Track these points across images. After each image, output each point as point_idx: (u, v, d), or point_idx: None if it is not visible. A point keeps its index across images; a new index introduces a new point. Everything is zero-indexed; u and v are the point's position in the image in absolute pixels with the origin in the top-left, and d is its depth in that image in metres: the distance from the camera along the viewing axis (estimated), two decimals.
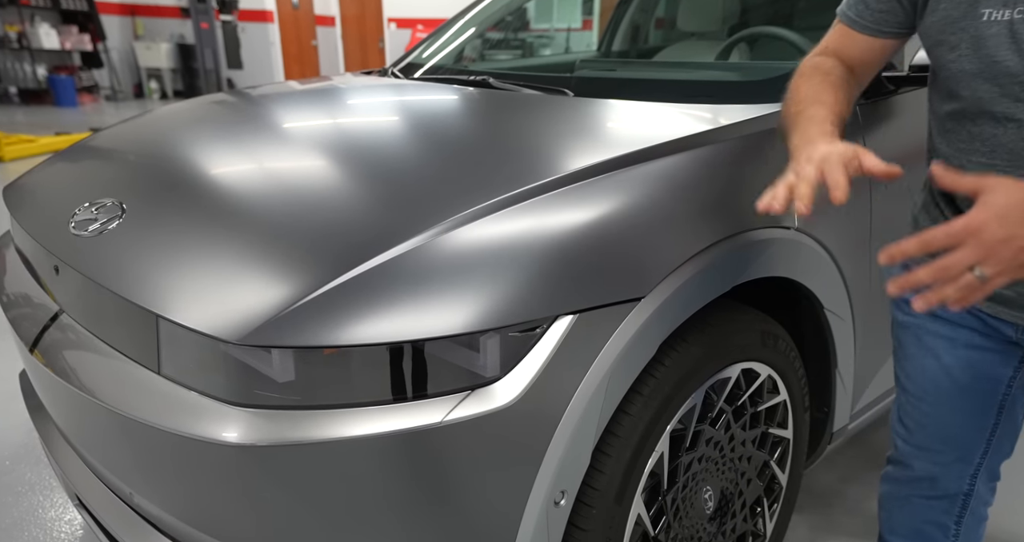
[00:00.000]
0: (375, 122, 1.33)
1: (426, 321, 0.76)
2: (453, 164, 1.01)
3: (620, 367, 0.82)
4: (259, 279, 0.82)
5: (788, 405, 1.13)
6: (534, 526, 0.81)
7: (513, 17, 1.99)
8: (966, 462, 0.95)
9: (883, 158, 1.18)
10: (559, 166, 0.93)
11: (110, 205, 1.05)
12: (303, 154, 1.13)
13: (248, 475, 0.77)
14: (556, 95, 1.30)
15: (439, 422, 0.76)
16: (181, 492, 0.84)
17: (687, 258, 0.86)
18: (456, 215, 0.85)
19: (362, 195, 0.95)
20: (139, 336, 0.88)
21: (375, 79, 1.74)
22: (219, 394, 0.80)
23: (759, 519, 1.18)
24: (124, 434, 0.87)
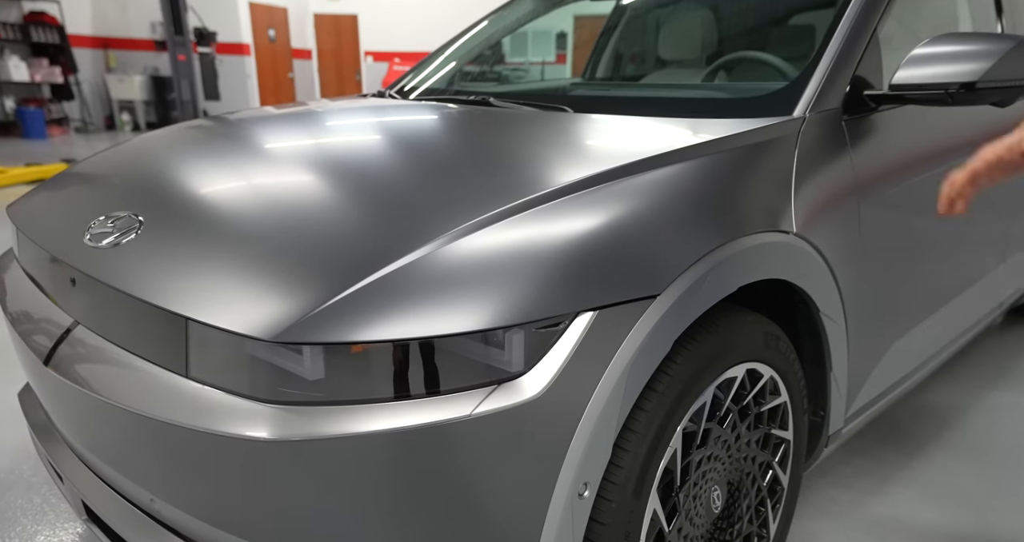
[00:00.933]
0: (389, 137, 1.37)
1: (452, 318, 0.79)
2: (470, 173, 1.05)
3: (638, 362, 0.86)
4: (286, 282, 0.84)
5: (789, 406, 1.17)
6: (560, 517, 0.83)
7: (491, 50, 2.09)
8: None
9: (870, 170, 1.27)
10: (570, 174, 0.98)
11: (126, 217, 1.06)
12: (318, 167, 1.16)
13: (281, 471, 0.78)
14: (556, 112, 1.36)
15: (468, 415, 0.78)
16: (208, 493, 0.84)
17: (697, 258, 0.91)
18: (478, 218, 0.88)
19: (384, 203, 0.98)
20: (166, 340, 0.89)
21: (379, 100, 1.78)
22: (250, 392, 0.82)
23: (764, 520, 1.21)
24: (149, 438, 0.88)
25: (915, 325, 1.48)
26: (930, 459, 1.76)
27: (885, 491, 1.62)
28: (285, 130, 1.48)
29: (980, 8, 1.73)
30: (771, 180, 1.06)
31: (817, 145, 1.14)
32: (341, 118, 1.57)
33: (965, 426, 1.91)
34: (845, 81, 1.22)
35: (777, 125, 1.12)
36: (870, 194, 1.21)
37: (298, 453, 0.78)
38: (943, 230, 1.47)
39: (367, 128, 1.45)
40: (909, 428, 1.91)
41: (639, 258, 0.88)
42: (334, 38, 12.53)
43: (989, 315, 1.91)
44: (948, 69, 1.14)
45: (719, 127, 1.11)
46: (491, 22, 2.17)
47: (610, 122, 1.26)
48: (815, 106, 1.18)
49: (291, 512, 0.81)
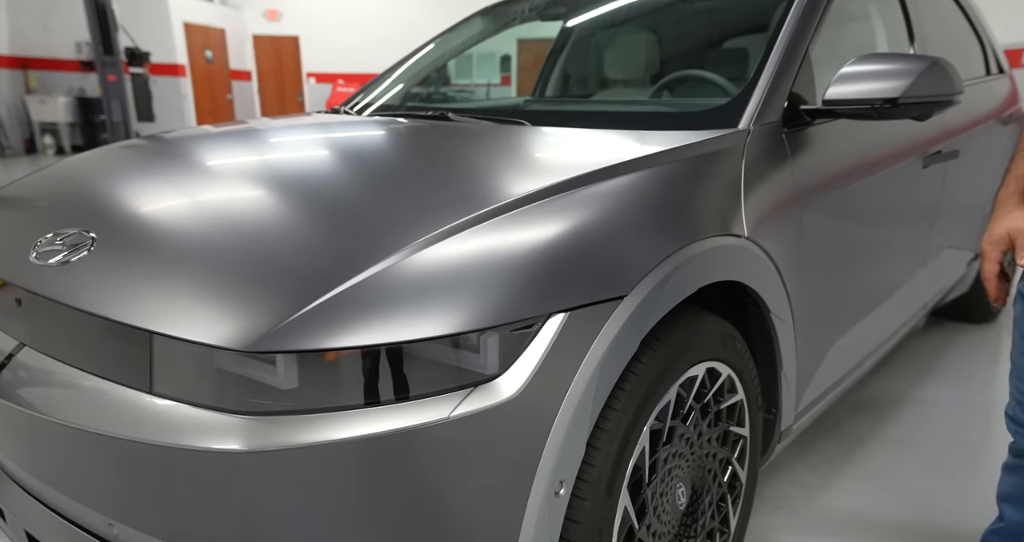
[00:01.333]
0: (353, 151, 1.37)
1: (428, 323, 0.80)
2: (437, 184, 1.07)
3: (608, 362, 0.89)
4: (256, 293, 0.83)
5: (745, 404, 1.23)
6: (537, 516, 0.85)
7: (437, 72, 2.13)
8: None
9: (809, 180, 1.35)
10: (535, 182, 1.01)
11: (76, 234, 1.03)
12: (281, 181, 1.16)
13: (257, 482, 0.77)
14: (515, 125, 1.41)
15: (447, 417, 0.79)
16: (176, 511, 0.82)
17: (659, 261, 0.96)
18: (448, 226, 0.90)
19: (352, 214, 0.99)
20: (127, 357, 0.87)
21: (336, 116, 1.79)
22: (221, 404, 0.81)
23: (725, 516, 1.26)
24: (109, 459, 0.85)
25: (853, 325, 1.58)
26: (870, 453, 1.86)
27: (832, 485, 1.71)
28: (241, 145, 1.46)
29: (895, 34, 1.88)
30: (722, 187, 1.12)
31: (761, 155, 1.22)
32: (300, 133, 1.57)
33: (899, 420, 2.03)
34: (783, 97, 1.31)
35: (725, 136, 1.19)
36: (810, 202, 1.30)
37: (274, 463, 0.77)
38: (875, 237, 1.58)
39: (329, 142, 1.46)
40: (850, 424, 2.01)
41: (605, 261, 0.91)
42: (274, 59, 12.37)
43: (915, 316, 2.05)
44: (873, 86, 1.24)
45: (672, 138, 1.18)
46: (437, 45, 2.21)
47: (569, 134, 1.31)
48: (758, 119, 1.26)
49: (266, 524, 0.79)
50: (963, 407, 2.12)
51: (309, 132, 1.57)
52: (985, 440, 1.93)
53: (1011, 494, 1.13)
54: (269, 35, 12.26)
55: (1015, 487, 1.12)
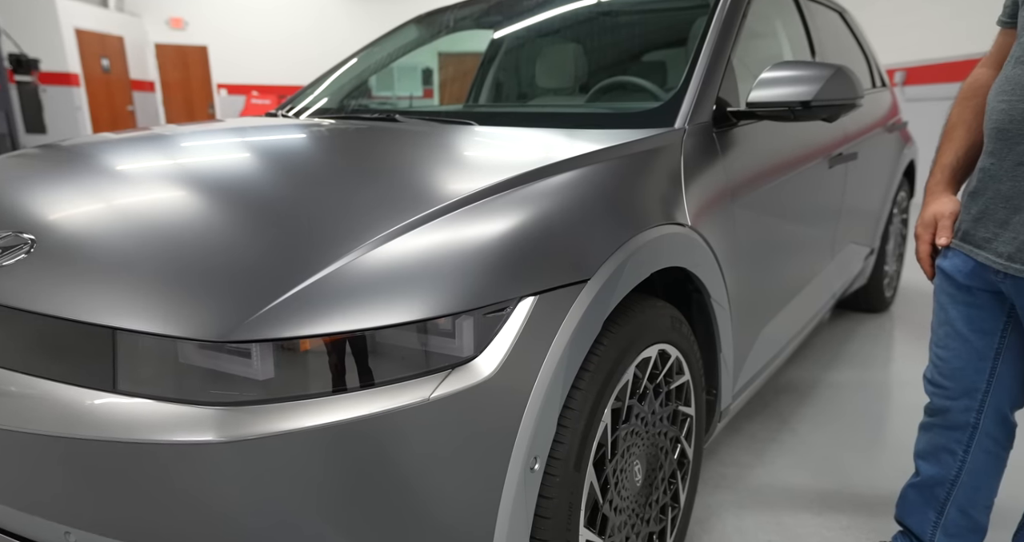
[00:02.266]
0: (307, 149, 1.36)
1: (405, 308, 0.82)
2: (402, 179, 1.09)
3: (575, 342, 0.94)
4: (226, 285, 0.83)
5: (691, 384, 1.31)
6: (515, 491, 0.88)
7: (360, 84, 2.15)
8: (971, 398, 1.16)
9: (737, 176, 1.47)
10: (496, 175, 1.05)
11: (10, 236, 0.98)
12: (229, 181, 1.14)
13: (236, 472, 0.77)
14: (463, 125, 1.44)
15: (427, 399, 0.82)
16: (142, 509, 0.79)
17: (617, 247, 1.02)
18: (419, 216, 0.93)
19: (321, 207, 1.00)
20: (85, 356, 0.84)
21: (275, 120, 1.76)
22: (193, 397, 0.80)
23: (675, 492, 1.33)
24: (68, 463, 0.81)
25: (778, 312, 1.71)
26: (794, 430, 2.01)
27: (763, 463, 1.83)
28: (178, 148, 1.42)
29: (798, 48, 2.07)
30: (666, 180, 1.21)
31: (697, 152, 1.32)
32: (244, 135, 1.54)
33: (815, 401, 2.21)
34: (712, 99, 1.42)
35: (665, 134, 1.28)
36: (739, 196, 1.41)
37: (255, 452, 0.77)
38: (793, 230, 1.72)
39: (279, 143, 1.44)
40: (774, 405, 2.17)
41: (568, 247, 0.97)
42: (181, 69, 11.80)
43: (826, 305, 2.24)
44: (789, 90, 1.37)
45: (618, 136, 1.25)
46: (360, 59, 2.22)
47: (519, 133, 1.36)
48: (691, 119, 1.36)
49: (243, 516, 0.79)
50: (868, 386, 2.33)
51: (253, 134, 1.54)
52: (889, 413, 2.13)
53: (926, 451, 1.27)
54: (174, 44, 11.71)
55: (929, 444, 1.26)
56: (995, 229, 1.02)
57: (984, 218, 1.04)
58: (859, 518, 1.58)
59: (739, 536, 1.52)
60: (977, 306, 1.12)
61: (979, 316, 1.12)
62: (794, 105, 1.37)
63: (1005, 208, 0.99)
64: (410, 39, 2.26)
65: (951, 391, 1.18)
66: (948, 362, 1.17)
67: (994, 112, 1.00)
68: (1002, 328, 1.11)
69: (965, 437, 1.20)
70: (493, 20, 2.42)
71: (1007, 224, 1.00)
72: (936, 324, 1.20)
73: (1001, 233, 1.01)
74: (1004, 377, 1.14)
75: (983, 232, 1.05)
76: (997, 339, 1.12)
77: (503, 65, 2.56)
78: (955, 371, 1.17)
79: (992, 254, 1.03)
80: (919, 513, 1.30)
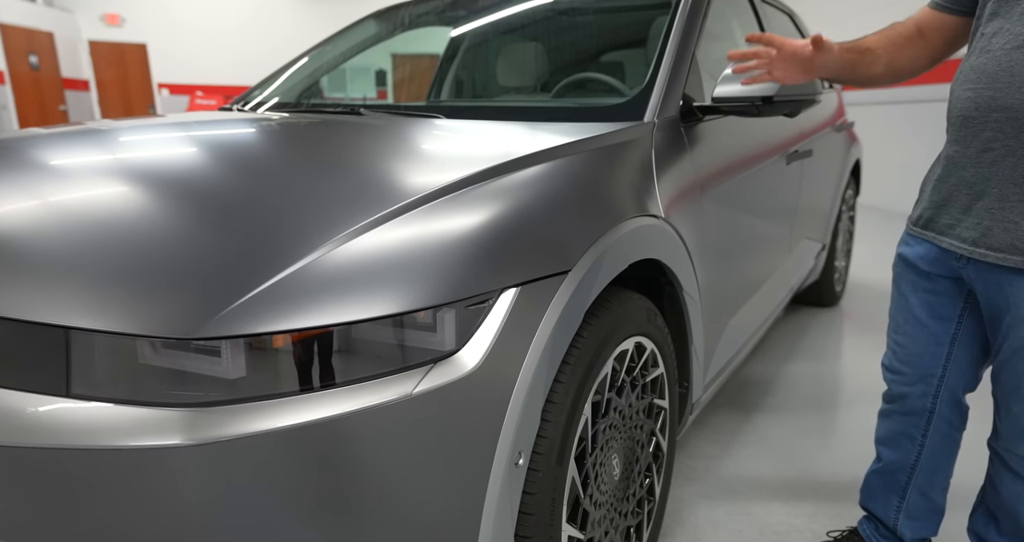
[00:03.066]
0: (270, 143, 1.31)
1: (384, 301, 0.79)
2: (375, 171, 1.06)
3: (557, 335, 0.93)
4: (188, 283, 0.78)
5: (665, 377, 1.31)
6: (500, 486, 0.86)
7: (312, 84, 2.09)
8: (927, 384, 1.19)
9: (704, 170, 1.48)
10: (471, 167, 1.03)
11: None
12: (186, 175, 1.08)
13: (212, 476, 0.72)
14: (432, 118, 1.41)
15: (410, 394, 0.79)
16: (106, 519, 0.74)
17: (596, 238, 1.01)
18: (395, 207, 0.90)
19: (291, 201, 0.95)
20: (31, 359, 0.77)
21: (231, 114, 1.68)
22: (158, 399, 0.74)
23: (651, 485, 1.33)
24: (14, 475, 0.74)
25: (743, 305, 1.74)
26: (755, 423, 2.05)
27: (729, 455, 1.86)
28: (130, 141, 1.34)
29: None
30: (639, 172, 1.21)
31: (666, 145, 1.33)
32: (201, 129, 1.47)
33: (777, 393, 2.26)
34: (678, 94, 1.44)
35: (636, 127, 1.29)
36: (706, 190, 1.43)
37: (226, 454, 0.72)
38: (755, 224, 1.76)
39: (240, 137, 1.37)
40: (737, 398, 2.20)
41: (548, 238, 0.95)
42: (117, 68, 11.28)
43: (785, 298, 2.29)
44: (752, 86, 1.40)
45: (590, 128, 1.25)
46: (313, 57, 2.16)
47: (490, 126, 1.34)
48: (660, 113, 1.37)
49: (216, 521, 0.74)
50: (824, 377, 2.40)
51: (211, 127, 1.47)
52: (845, 403, 2.19)
53: (886, 437, 1.30)
54: (110, 41, 11.19)
55: (889, 430, 1.29)
56: (958, 215, 1.05)
57: (947, 205, 1.07)
58: (823, 505, 1.62)
59: (711, 527, 1.53)
60: (937, 293, 1.16)
61: (938, 302, 1.16)
62: (757, 100, 1.39)
63: (968, 194, 1.03)
64: (367, 36, 2.21)
65: (908, 377, 1.22)
66: (906, 348, 1.21)
67: (959, 100, 1.03)
68: (959, 314, 1.15)
69: (923, 422, 1.23)
70: (453, 17, 2.39)
71: (970, 210, 1.03)
72: (895, 311, 1.24)
73: (964, 219, 1.04)
74: (959, 362, 1.18)
75: (946, 218, 1.08)
76: (954, 325, 1.16)
77: (464, 63, 2.54)
78: (913, 357, 1.20)
79: (956, 240, 1.06)
80: (882, 498, 1.33)
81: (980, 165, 1.00)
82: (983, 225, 1.01)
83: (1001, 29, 0.98)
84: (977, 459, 1.30)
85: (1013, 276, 0.99)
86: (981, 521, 1.22)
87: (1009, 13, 0.98)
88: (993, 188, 0.99)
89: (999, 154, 0.98)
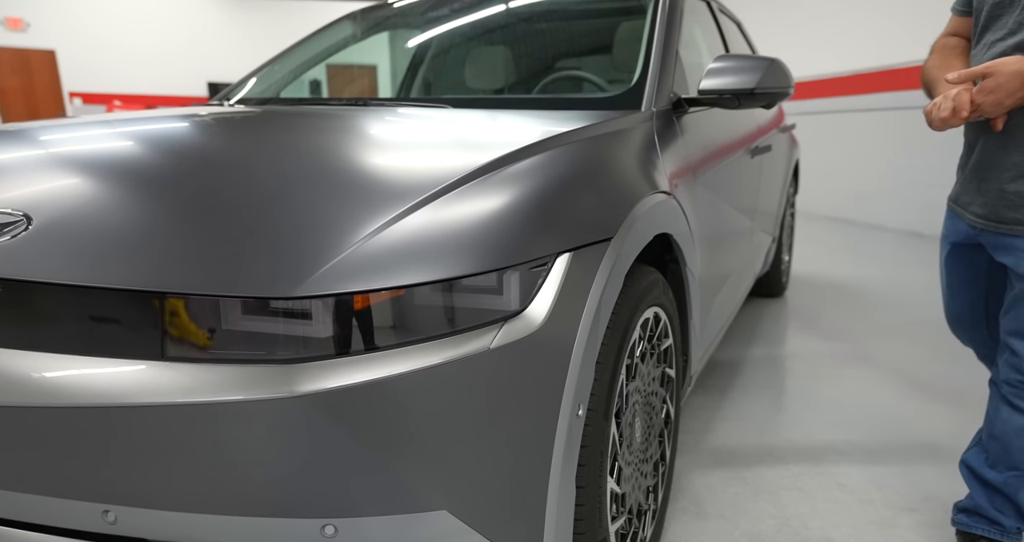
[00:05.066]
0: (316, 130, 1.31)
1: (460, 263, 0.84)
2: (423, 150, 1.10)
3: (604, 297, 0.99)
4: (279, 246, 0.81)
5: (674, 348, 1.40)
6: (566, 434, 0.91)
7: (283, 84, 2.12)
8: (975, 330, 1.41)
9: (694, 156, 1.59)
10: (509, 146, 1.09)
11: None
12: (255, 155, 1.10)
13: (317, 424, 0.75)
14: (440, 109, 1.46)
15: (488, 347, 0.84)
16: (202, 474, 0.75)
17: (630, 209, 1.09)
18: (452, 181, 0.95)
19: (365, 174, 0.98)
20: (129, 326, 0.78)
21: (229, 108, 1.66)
22: (259, 356, 0.76)
23: (663, 449, 1.42)
24: (113, 436, 0.75)
25: (723, 287, 1.87)
26: (733, 400, 2.18)
27: (713, 429, 1.98)
28: (182, 128, 1.33)
29: (717, 50, 2.29)
30: (649, 153, 1.30)
31: (664, 132, 1.43)
32: (233, 118, 1.46)
33: (745, 374, 2.41)
34: (669, 86, 1.55)
35: (639, 114, 1.38)
36: (698, 174, 1.54)
37: (329, 404, 0.75)
38: (732, 210, 1.89)
39: (290, 124, 1.37)
40: (710, 381, 2.34)
41: (592, 208, 1.02)
42: (22, 75, 10.57)
43: (750, 284, 2.45)
44: (735, 79, 1.52)
45: (597, 116, 1.33)
46: (279, 63, 2.19)
47: (504, 113, 1.40)
48: (655, 104, 1.47)
49: (317, 468, 0.76)
50: (780, 359, 2.58)
51: (262, 118, 1.46)
52: (802, 380, 2.37)
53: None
54: (12, 47, 10.49)
55: None
56: (972, 196, 1.27)
57: (965, 186, 1.29)
58: (805, 466, 1.75)
59: (708, 492, 1.63)
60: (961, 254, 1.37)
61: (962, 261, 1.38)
62: (741, 92, 1.52)
63: (976, 179, 1.25)
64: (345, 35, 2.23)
65: (957, 326, 1.47)
66: (948, 301, 1.45)
67: None
68: (985, 273, 1.36)
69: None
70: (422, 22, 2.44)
71: (978, 192, 1.25)
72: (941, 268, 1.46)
73: (975, 199, 1.26)
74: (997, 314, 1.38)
75: (965, 198, 1.30)
76: (984, 281, 1.37)
77: (432, 66, 2.58)
78: (953, 311, 1.45)
79: (971, 215, 1.28)
80: None
81: (984, 153, 1.21)
82: (988, 204, 1.22)
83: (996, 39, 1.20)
84: None
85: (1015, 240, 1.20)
86: (973, 453, 1.37)
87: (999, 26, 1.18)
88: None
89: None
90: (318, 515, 0.79)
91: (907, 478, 1.70)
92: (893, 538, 1.45)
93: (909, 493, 1.63)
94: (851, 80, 6.25)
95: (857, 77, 6.17)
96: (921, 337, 2.82)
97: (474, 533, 0.85)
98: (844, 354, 2.62)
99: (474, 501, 0.84)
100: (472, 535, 0.85)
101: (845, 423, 2.01)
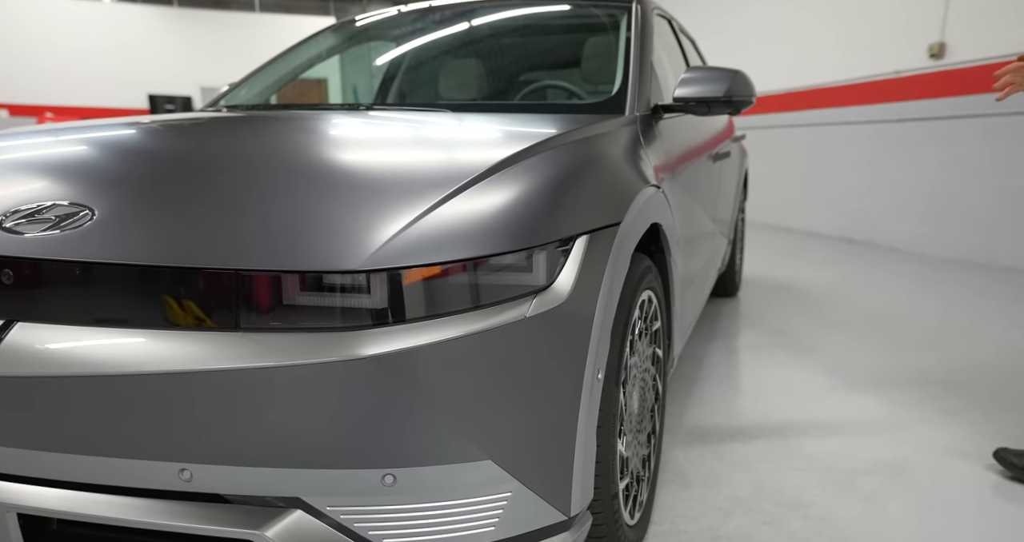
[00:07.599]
0: (345, 127, 1.38)
1: (498, 242, 0.95)
2: (444, 147, 1.20)
3: (616, 275, 1.12)
4: (341, 226, 0.90)
5: (662, 331, 1.55)
6: (589, 395, 1.03)
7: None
8: None
9: (671, 158, 1.75)
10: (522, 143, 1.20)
11: (60, 206, 0.96)
12: (306, 149, 1.18)
13: (388, 383, 0.84)
14: (441, 114, 1.57)
15: (525, 316, 0.95)
16: (274, 432, 0.83)
17: (632, 198, 1.22)
18: (481, 171, 1.06)
19: (401, 166, 1.08)
20: (202, 301, 0.86)
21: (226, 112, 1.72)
22: (331, 324, 0.85)
23: (655, 423, 1.55)
24: (193, 398, 0.82)
25: (696, 279, 2.03)
26: (701, 386, 2.35)
27: (686, 411, 2.13)
28: (224, 128, 1.39)
29: (678, 65, 2.48)
30: (637, 151, 1.44)
31: (647, 135, 1.58)
32: (302, 120, 1.52)
33: (710, 364, 2.59)
34: (648, 93, 1.71)
35: (624, 118, 1.53)
36: (675, 173, 1.70)
37: (400, 364, 0.84)
38: (700, 211, 2.06)
39: (326, 123, 1.44)
40: (680, 370, 2.50)
41: (603, 194, 1.15)
42: None
43: (714, 280, 2.64)
44: (706, 87, 1.70)
45: (586, 120, 1.47)
46: (264, 73, 2.26)
47: (501, 116, 1.52)
48: (637, 109, 1.62)
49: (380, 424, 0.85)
50: (738, 351, 2.78)
51: (304, 119, 1.53)
52: (756, 370, 2.56)
53: None
54: None
55: None
56: None
57: None
58: (772, 441, 1.92)
59: (690, 465, 1.77)
60: None
61: None
62: (712, 100, 1.69)
63: None
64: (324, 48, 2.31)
65: None
66: None
67: None
68: None
69: None
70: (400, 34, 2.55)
71: None
72: None
73: None
74: None
75: None
76: None
77: (408, 78, 2.68)
78: None
79: None
80: None
81: None
82: None
83: None
84: None
85: None
86: None
87: None
88: None
89: None
90: (378, 466, 0.87)
91: (856, 445, 1.89)
92: (854, 497, 1.62)
93: (860, 458, 1.81)
94: (785, 98, 6.69)
95: (791, 95, 6.61)
96: (857, 330, 3.08)
97: (514, 480, 0.95)
98: (791, 346, 2.84)
99: (514, 452, 0.95)
100: (512, 481, 0.95)
101: (798, 403, 2.20)
